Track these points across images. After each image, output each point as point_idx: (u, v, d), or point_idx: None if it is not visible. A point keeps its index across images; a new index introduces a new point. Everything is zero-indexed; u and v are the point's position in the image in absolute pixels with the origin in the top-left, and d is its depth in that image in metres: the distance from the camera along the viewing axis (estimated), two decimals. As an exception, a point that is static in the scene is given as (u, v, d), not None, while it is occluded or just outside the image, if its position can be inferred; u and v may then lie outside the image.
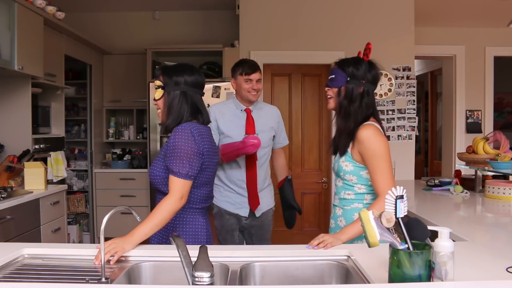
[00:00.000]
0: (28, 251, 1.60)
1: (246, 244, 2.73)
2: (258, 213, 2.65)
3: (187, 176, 1.70)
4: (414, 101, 4.63)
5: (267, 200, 2.72)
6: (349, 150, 1.82)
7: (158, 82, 1.83)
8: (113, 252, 1.51)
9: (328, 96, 1.86)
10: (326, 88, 1.86)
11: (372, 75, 1.82)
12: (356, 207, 1.85)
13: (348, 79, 1.79)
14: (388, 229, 1.20)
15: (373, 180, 1.77)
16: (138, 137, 5.28)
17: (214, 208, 2.67)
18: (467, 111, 5.64)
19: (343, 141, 1.82)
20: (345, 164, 1.83)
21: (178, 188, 1.69)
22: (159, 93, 1.83)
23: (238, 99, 2.69)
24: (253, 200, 2.61)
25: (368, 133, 1.75)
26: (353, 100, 1.79)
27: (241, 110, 2.67)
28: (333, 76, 1.82)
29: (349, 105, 1.79)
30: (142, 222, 1.62)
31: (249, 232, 2.70)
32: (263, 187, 2.69)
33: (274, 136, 2.74)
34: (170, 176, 1.71)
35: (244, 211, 2.63)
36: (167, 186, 1.72)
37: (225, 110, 2.68)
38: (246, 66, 2.63)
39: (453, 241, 1.23)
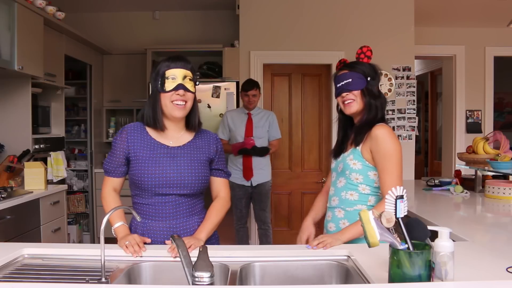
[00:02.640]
0: (28, 251, 1.60)
1: (252, 207, 4.06)
2: (254, 183, 3.90)
3: None
4: (414, 101, 4.63)
5: (264, 175, 3.93)
6: (359, 148, 1.79)
7: (190, 74, 1.70)
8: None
9: (348, 101, 1.82)
10: (345, 94, 1.82)
11: (377, 75, 1.85)
12: (360, 208, 1.80)
13: (368, 79, 1.81)
14: (388, 229, 1.20)
15: (381, 181, 1.73)
16: (138, 137, 5.27)
17: (229, 182, 3.57)
18: (467, 111, 5.64)
19: (364, 132, 1.80)
20: (353, 162, 1.80)
21: (229, 190, 1.90)
22: (192, 85, 1.71)
23: (243, 106, 3.97)
24: (247, 173, 3.88)
25: (383, 131, 1.74)
26: (377, 97, 1.82)
27: (245, 113, 3.94)
28: (350, 80, 1.80)
29: (376, 101, 1.82)
30: (205, 225, 1.71)
31: (252, 197, 3.98)
32: (259, 165, 3.88)
33: (268, 131, 3.95)
34: (221, 179, 1.85)
35: (246, 182, 3.90)
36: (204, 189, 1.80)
37: (234, 114, 3.99)
38: (245, 85, 3.90)
39: (453, 241, 1.23)
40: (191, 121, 1.75)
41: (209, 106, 4.45)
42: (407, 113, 4.60)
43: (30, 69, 3.25)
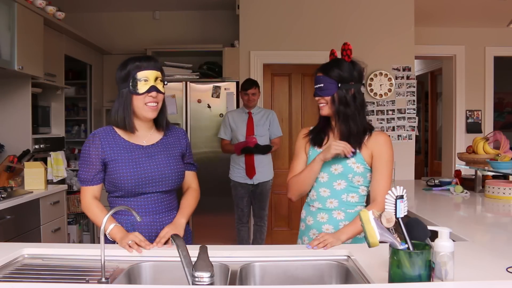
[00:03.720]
0: (28, 251, 1.60)
1: (251, 206, 4.07)
2: (255, 181, 3.94)
3: None
4: (414, 101, 4.63)
5: (265, 174, 3.97)
6: (360, 152, 1.81)
7: (160, 75, 1.70)
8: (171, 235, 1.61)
9: (321, 104, 1.83)
10: (317, 98, 1.84)
11: (357, 73, 1.82)
12: (359, 209, 1.82)
13: (339, 85, 1.78)
14: (388, 229, 1.20)
15: (376, 184, 1.77)
16: (138, 137, 5.28)
17: (231, 181, 4.02)
18: (467, 111, 5.64)
19: (355, 143, 1.80)
20: (357, 165, 1.80)
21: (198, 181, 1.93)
22: (162, 86, 1.71)
23: (243, 105, 4.03)
24: (250, 171, 3.91)
25: (388, 139, 1.82)
26: (349, 104, 1.79)
27: (245, 113, 3.99)
28: (322, 85, 1.80)
29: (346, 109, 1.79)
30: (184, 211, 1.77)
31: (253, 196, 4.01)
32: (261, 164, 3.92)
33: (268, 129, 4.00)
34: (192, 172, 1.88)
35: (249, 181, 3.94)
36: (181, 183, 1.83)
37: (234, 114, 4.04)
38: (245, 84, 3.95)
39: (453, 241, 1.23)
40: (160, 121, 1.77)
41: (209, 106, 4.45)
42: (407, 113, 4.60)
43: (30, 69, 3.25)
